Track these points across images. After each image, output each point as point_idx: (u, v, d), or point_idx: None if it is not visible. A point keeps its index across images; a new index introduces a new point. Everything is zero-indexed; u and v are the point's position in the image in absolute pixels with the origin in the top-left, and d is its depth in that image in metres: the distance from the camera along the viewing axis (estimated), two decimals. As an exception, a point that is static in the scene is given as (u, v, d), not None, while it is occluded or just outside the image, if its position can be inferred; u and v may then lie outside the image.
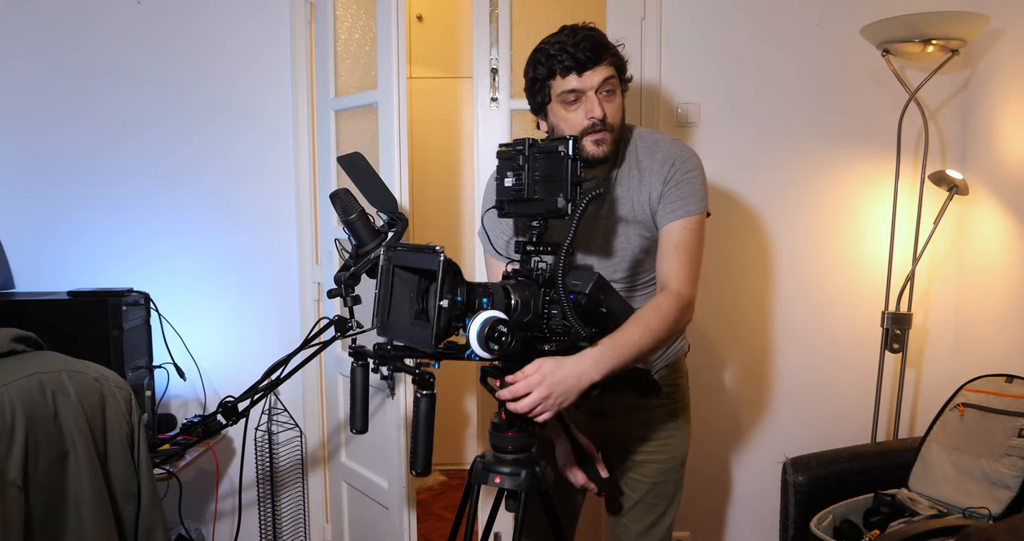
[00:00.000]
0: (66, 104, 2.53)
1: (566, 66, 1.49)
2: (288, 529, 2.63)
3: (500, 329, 1.25)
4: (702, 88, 2.53)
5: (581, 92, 1.50)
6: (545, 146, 1.35)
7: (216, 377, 2.59)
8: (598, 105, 1.49)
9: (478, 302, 1.30)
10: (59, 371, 1.26)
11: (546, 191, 1.35)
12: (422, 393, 1.33)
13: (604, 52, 1.50)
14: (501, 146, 1.42)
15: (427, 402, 1.34)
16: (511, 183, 1.39)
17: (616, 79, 1.52)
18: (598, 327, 1.38)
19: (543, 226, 1.39)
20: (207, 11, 2.56)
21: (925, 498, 2.08)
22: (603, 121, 1.50)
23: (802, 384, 2.65)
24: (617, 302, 1.40)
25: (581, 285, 1.35)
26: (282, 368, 1.84)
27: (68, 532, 1.25)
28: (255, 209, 2.63)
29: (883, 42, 2.33)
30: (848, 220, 2.60)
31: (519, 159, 1.37)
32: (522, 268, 1.40)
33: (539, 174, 1.36)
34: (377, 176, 1.69)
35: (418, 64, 3.68)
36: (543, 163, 1.35)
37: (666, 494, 1.74)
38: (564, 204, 1.32)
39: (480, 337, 1.24)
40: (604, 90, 1.51)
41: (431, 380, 1.33)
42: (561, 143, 1.32)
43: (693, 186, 1.55)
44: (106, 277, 2.53)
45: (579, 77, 1.49)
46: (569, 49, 1.48)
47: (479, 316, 1.24)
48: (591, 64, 1.48)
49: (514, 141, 1.39)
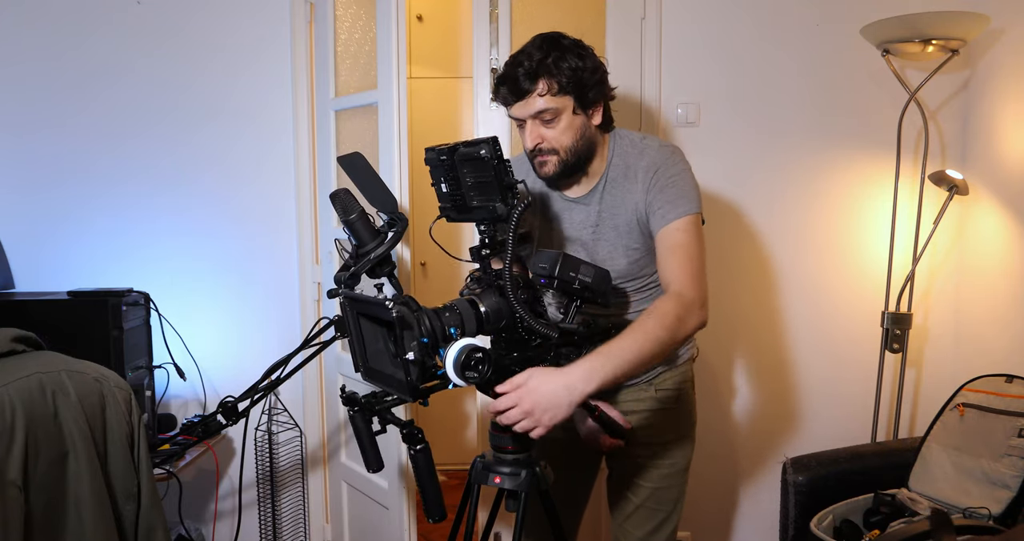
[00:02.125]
0: (66, 104, 2.53)
1: (502, 95, 1.53)
2: (288, 529, 2.63)
3: (476, 356, 1.25)
4: (702, 88, 2.53)
5: (521, 119, 1.53)
6: (466, 152, 1.32)
7: (216, 377, 2.59)
8: (530, 134, 1.52)
9: (446, 332, 1.29)
10: (59, 371, 1.26)
11: (482, 197, 1.35)
12: (415, 449, 1.34)
13: (534, 81, 1.47)
14: (427, 151, 1.41)
15: (423, 456, 1.35)
16: (447, 190, 1.39)
17: (557, 108, 1.49)
18: (579, 299, 1.38)
19: (490, 230, 1.38)
20: (207, 11, 2.56)
21: (925, 498, 2.08)
22: (541, 148, 1.53)
23: (802, 384, 2.65)
24: (587, 272, 1.38)
25: (548, 268, 1.35)
26: (282, 368, 1.84)
27: (68, 532, 1.25)
28: (255, 209, 2.63)
29: (883, 42, 2.33)
30: (848, 220, 2.60)
31: (445, 167, 1.36)
32: (483, 274, 1.40)
33: (470, 180, 1.35)
34: (377, 176, 1.69)
35: (418, 64, 3.68)
36: (470, 168, 1.34)
37: (668, 499, 1.73)
38: (504, 209, 1.31)
39: (456, 368, 1.24)
40: (542, 118, 1.51)
41: (419, 435, 1.34)
42: (482, 146, 1.29)
43: (680, 189, 1.54)
44: (106, 277, 2.53)
45: (512, 107, 1.53)
46: (507, 78, 1.51)
47: (452, 348, 1.24)
48: (515, 98, 1.51)
49: (437, 147, 1.38)
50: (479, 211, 1.37)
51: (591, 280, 1.38)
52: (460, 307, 1.34)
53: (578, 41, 1.54)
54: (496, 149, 1.29)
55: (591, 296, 1.39)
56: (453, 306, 1.34)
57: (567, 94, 1.50)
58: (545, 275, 1.35)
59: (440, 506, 1.37)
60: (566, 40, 1.52)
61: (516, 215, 1.29)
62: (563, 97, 1.50)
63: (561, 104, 1.50)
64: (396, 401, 1.37)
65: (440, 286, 3.42)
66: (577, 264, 1.37)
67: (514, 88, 1.50)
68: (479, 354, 1.25)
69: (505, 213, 1.31)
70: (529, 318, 1.31)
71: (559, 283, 1.35)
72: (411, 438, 1.35)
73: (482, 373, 1.26)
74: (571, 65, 1.48)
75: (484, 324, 1.35)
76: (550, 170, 1.56)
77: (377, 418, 1.38)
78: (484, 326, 1.36)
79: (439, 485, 1.37)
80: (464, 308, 1.34)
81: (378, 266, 1.55)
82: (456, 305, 1.34)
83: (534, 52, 1.49)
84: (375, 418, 1.39)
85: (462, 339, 1.25)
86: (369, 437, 1.40)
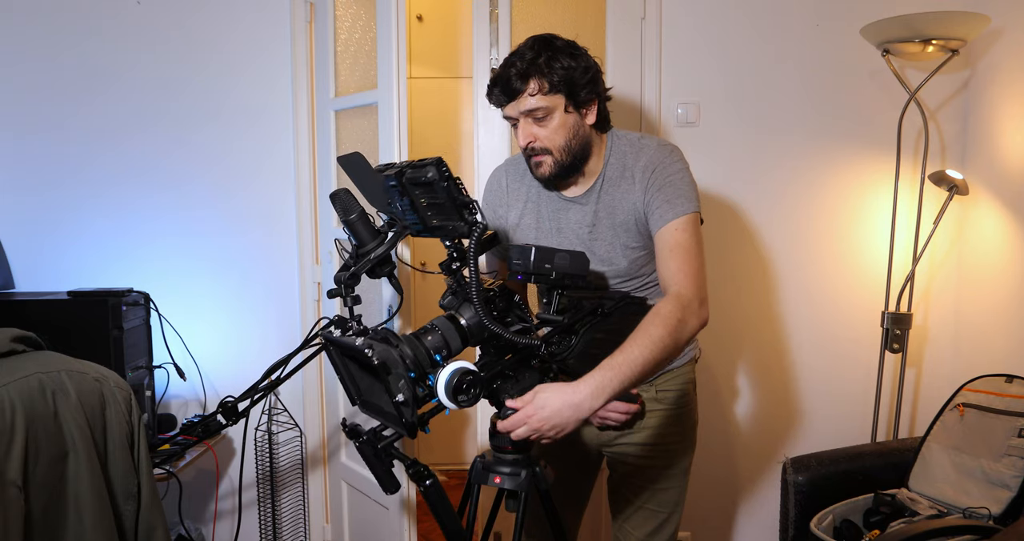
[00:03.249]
0: (66, 104, 2.53)
1: (495, 96, 1.54)
2: (288, 529, 2.63)
3: (467, 379, 1.25)
4: (702, 88, 2.53)
5: (514, 118, 1.55)
6: (413, 176, 1.31)
7: (216, 377, 2.59)
8: (523, 132, 1.54)
9: (432, 359, 1.30)
10: (59, 371, 1.26)
11: (440, 217, 1.35)
12: (424, 484, 1.35)
13: (525, 81, 1.49)
14: (375, 173, 1.41)
15: (434, 491, 1.35)
16: (402, 210, 1.39)
17: (548, 106, 1.50)
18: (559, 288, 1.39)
19: (457, 244, 1.39)
20: (207, 11, 2.56)
21: (925, 498, 2.08)
22: (533, 147, 1.54)
23: (802, 384, 2.65)
24: (562, 259, 1.38)
25: (522, 264, 1.35)
26: (282, 368, 1.84)
27: (68, 532, 1.25)
28: (255, 209, 2.63)
29: (883, 42, 2.33)
30: (848, 220, 2.60)
31: (397, 191, 1.36)
32: (457, 287, 1.41)
33: (424, 202, 1.34)
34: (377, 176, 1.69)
35: (418, 64, 3.68)
36: (422, 191, 1.33)
37: (668, 501, 1.73)
38: (464, 228, 1.30)
39: (448, 393, 1.24)
40: (534, 116, 1.52)
41: (426, 472, 1.35)
42: (428, 169, 1.28)
43: (677, 188, 1.54)
44: (106, 277, 2.53)
45: (505, 108, 1.55)
46: (500, 79, 1.52)
47: (442, 374, 1.24)
48: (508, 99, 1.52)
49: (384, 169, 1.38)
50: (440, 230, 1.37)
51: (567, 266, 1.38)
52: (441, 326, 1.34)
53: (571, 42, 1.54)
54: (443, 170, 1.27)
55: (571, 281, 1.40)
56: (434, 326, 1.34)
57: (558, 93, 1.50)
58: (520, 272, 1.36)
59: (460, 533, 1.37)
60: (559, 41, 1.53)
61: (475, 236, 1.28)
62: (554, 96, 1.50)
63: (552, 103, 1.51)
64: (396, 436, 1.37)
65: (440, 286, 3.41)
66: (551, 254, 1.37)
67: (506, 88, 1.51)
68: (470, 377, 1.26)
69: (466, 231, 1.30)
70: (506, 334, 1.31)
71: (536, 277, 1.36)
72: (418, 476, 1.34)
73: (474, 395, 1.27)
74: (563, 65, 1.49)
75: (468, 338, 1.36)
76: (546, 171, 1.56)
77: (383, 454, 1.38)
78: (468, 340, 1.36)
79: (454, 513, 1.38)
80: (445, 326, 1.34)
81: (378, 266, 1.55)
82: (437, 325, 1.34)
83: (526, 52, 1.50)
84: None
85: (451, 364, 1.25)
86: (379, 464, 1.40)
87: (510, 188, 1.72)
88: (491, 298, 1.38)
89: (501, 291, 1.42)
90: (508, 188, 1.72)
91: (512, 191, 1.71)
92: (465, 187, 1.30)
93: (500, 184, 1.74)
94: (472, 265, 1.29)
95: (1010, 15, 2.33)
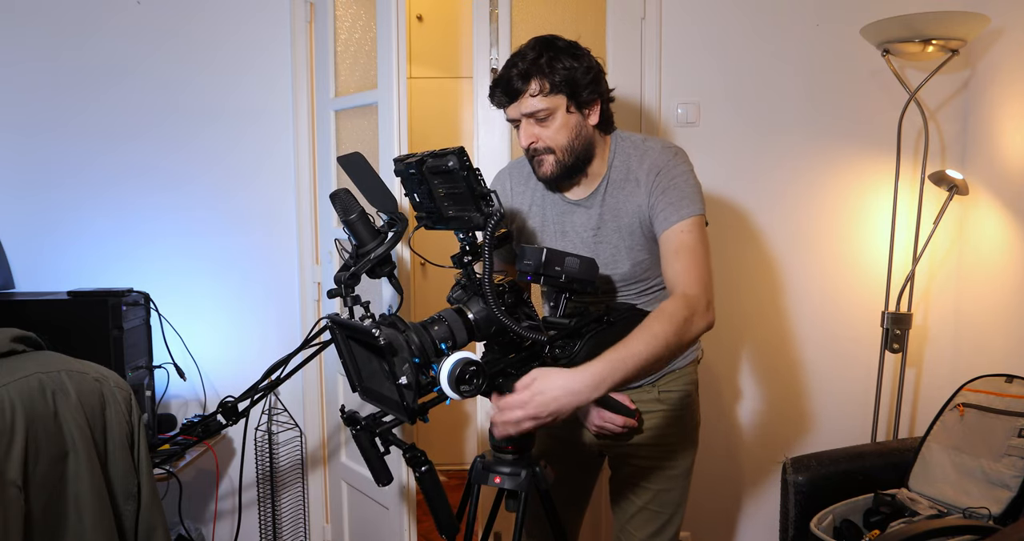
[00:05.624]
0: (66, 104, 2.53)
1: (497, 98, 1.54)
2: (288, 529, 2.63)
3: (470, 369, 1.24)
4: (702, 88, 2.53)
5: (516, 119, 1.55)
6: (434, 164, 1.31)
7: (216, 377, 2.59)
8: (524, 132, 1.54)
9: (437, 348, 1.29)
10: (59, 371, 1.26)
11: (457, 207, 1.34)
12: (420, 471, 1.34)
13: (527, 82, 1.49)
14: (395, 162, 1.40)
15: (429, 477, 1.34)
16: (420, 200, 1.39)
17: (550, 107, 1.50)
18: (567, 292, 1.39)
19: (470, 237, 1.38)
20: (207, 11, 2.56)
21: (925, 498, 2.08)
22: (536, 147, 1.54)
23: (802, 384, 2.65)
24: (572, 264, 1.38)
25: (532, 265, 1.35)
26: (282, 368, 1.84)
27: (68, 532, 1.25)
28: (255, 209, 2.63)
29: (883, 42, 2.33)
30: (848, 220, 2.60)
31: (415, 180, 1.36)
32: (467, 281, 1.40)
33: (443, 191, 1.34)
34: (377, 176, 1.69)
35: (418, 64, 3.68)
36: (441, 180, 1.33)
37: (671, 501, 1.73)
38: (480, 219, 1.30)
39: (451, 382, 1.23)
40: (536, 117, 1.52)
41: (423, 457, 1.34)
42: (450, 158, 1.28)
43: (682, 191, 1.53)
44: (106, 277, 2.53)
45: (507, 109, 1.55)
46: (501, 80, 1.52)
47: (446, 363, 1.23)
48: (509, 100, 1.52)
49: (405, 159, 1.37)
50: (455, 221, 1.37)
51: (577, 270, 1.38)
52: (448, 318, 1.33)
53: (573, 42, 1.54)
54: (464, 159, 1.27)
55: (580, 286, 1.40)
56: (441, 317, 1.33)
57: (560, 93, 1.50)
58: (530, 272, 1.35)
59: (452, 523, 1.37)
60: (561, 42, 1.53)
61: (491, 226, 1.28)
62: (556, 96, 1.50)
63: (554, 103, 1.50)
64: (395, 422, 1.37)
65: (440, 286, 3.40)
66: (562, 257, 1.37)
67: (507, 89, 1.51)
68: (473, 367, 1.25)
69: (481, 222, 1.30)
70: (515, 327, 1.31)
71: (545, 279, 1.36)
72: (415, 461, 1.34)
73: (477, 386, 1.26)
74: (565, 65, 1.49)
75: (474, 332, 1.35)
76: (548, 170, 1.56)
77: (379, 440, 1.38)
78: (474, 334, 1.36)
79: (448, 502, 1.37)
80: (452, 318, 1.33)
81: (378, 266, 1.55)
82: (444, 316, 1.34)
83: (528, 53, 1.50)
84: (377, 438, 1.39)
85: (455, 353, 1.25)
86: (375, 453, 1.40)
87: (515, 191, 1.72)
88: (501, 292, 1.38)
89: (511, 287, 1.42)
90: (513, 191, 1.72)
91: (517, 194, 1.71)
92: (484, 178, 1.30)
93: (504, 187, 1.73)
94: (487, 253, 1.28)
95: (1010, 15, 2.33)
